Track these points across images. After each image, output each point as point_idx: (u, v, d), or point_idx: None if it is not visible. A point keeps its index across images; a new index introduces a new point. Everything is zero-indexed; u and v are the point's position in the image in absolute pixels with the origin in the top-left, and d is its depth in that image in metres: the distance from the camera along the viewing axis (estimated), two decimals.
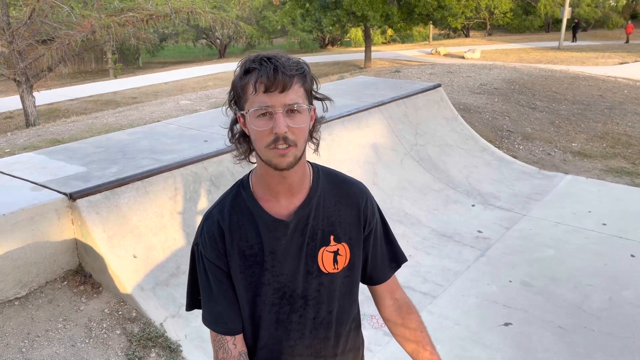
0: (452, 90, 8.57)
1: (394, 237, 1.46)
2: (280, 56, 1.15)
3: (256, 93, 1.14)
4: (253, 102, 1.15)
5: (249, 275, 1.27)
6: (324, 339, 1.35)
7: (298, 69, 1.16)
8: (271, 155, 1.17)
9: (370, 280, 1.44)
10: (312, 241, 1.28)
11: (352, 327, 1.42)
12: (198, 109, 6.83)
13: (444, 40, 34.17)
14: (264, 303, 1.29)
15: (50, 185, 3.35)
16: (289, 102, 1.14)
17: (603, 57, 18.39)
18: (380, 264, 1.42)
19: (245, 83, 1.16)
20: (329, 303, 1.33)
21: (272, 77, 1.12)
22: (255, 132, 1.17)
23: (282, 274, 1.28)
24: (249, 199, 1.28)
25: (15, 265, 3.00)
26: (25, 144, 5.34)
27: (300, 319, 1.31)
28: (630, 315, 3.35)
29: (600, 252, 4.15)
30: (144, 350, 2.85)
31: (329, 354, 1.37)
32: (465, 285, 3.73)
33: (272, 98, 1.13)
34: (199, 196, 3.71)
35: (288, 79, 1.13)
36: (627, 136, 7.40)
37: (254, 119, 1.15)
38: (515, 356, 3.01)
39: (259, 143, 1.17)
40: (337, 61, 21.47)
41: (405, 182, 5.12)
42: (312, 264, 1.29)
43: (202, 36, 32.95)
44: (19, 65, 9.69)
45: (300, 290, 1.29)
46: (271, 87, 1.12)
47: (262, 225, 1.26)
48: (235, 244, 1.26)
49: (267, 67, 1.13)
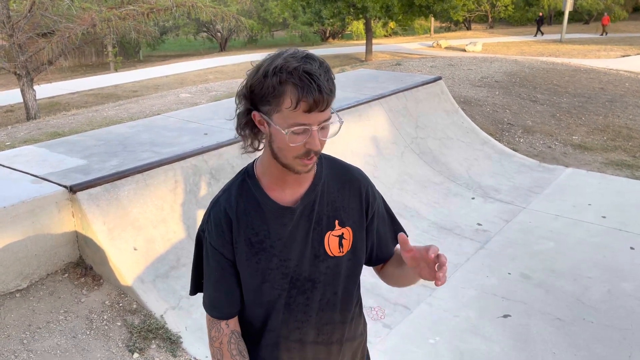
0: (453, 83, 8.55)
1: (394, 216, 1.52)
2: (319, 72, 1.12)
3: (295, 110, 1.12)
4: (289, 117, 1.13)
5: (255, 262, 1.30)
6: (330, 320, 1.40)
7: (333, 83, 1.15)
8: (297, 164, 1.20)
9: (378, 260, 1.48)
10: (318, 226, 1.32)
11: (356, 311, 1.47)
12: (198, 102, 6.82)
13: (446, 33, 34.04)
14: (273, 288, 1.32)
15: (51, 178, 3.36)
16: (324, 119, 1.15)
17: (605, 49, 18.32)
18: (386, 242, 1.47)
19: (280, 94, 1.12)
20: (334, 285, 1.37)
21: (317, 100, 1.11)
22: (287, 146, 1.17)
23: (289, 258, 1.31)
24: (255, 187, 1.30)
25: (16, 257, 3.02)
26: (25, 137, 5.35)
27: (307, 301, 1.35)
28: (629, 307, 3.36)
29: (599, 244, 4.15)
30: (144, 342, 2.87)
31: (334, 335, 1.41)
32: (464, 278, 3.74)
33: (311, 117, 1.13)
34: (199, 189, 3.72)
35: (329, 99, 1.13)
36: (627, 129, 7.39)
37: (290, 135, 1.15)
38: (514, 347, 3.02)
39: (288, 153, 1.19)
40: (338, 54, 21.42)
41: (406, 175, 5.12)
42: (319, 248, 1.33)
43: (202, 29, 32.87)
44: (20, 59, 9.68)
45: (307, 274, 1.33)
46: (314, 109, 1.12)
47: (268, 212, 1.29)
48: (242, 231, 1.29)
49: (311, 87, 1.10)
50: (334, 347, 1.42)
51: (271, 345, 1.38)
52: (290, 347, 1.38)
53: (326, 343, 1.41)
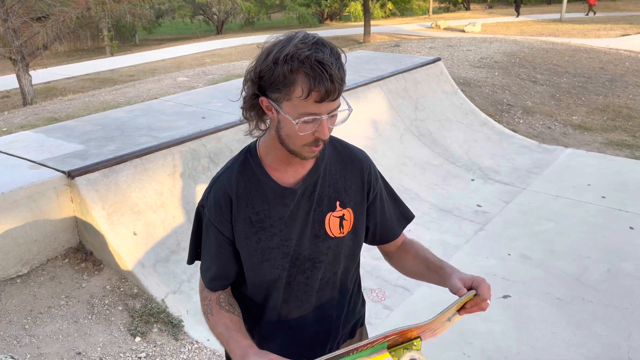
0: (452, 65, 8.49)
1: (398, 197, 1.52)
2: (330, 61, 1.09)
3: (307, 99, 1.10)
4: (299, 106, 1.11)
5: (255, 241, 1.30)
6: (330, 298, 1.41)
7: (344, 71, 1.13)
8: (304, 151, 1.20)
9: (382, 240, 1.49)
10: (319, 207, 1.32)
11: (354, 289, 1.49)
12: (195, 86, 6.77)
13: (444, 13, 33.71)
14: (273, 267, 1.32)
15: (49, 164, 3.34)
16: (334, 108, 1.15)
17: (605, 29, 18.16)
18: (390, 224, 1.47)
19: (291, 82, 1.10)
20: (334, 264, 1.38)
21: (329, 90, 1.09)
22: (296, 134, 1.16)
23: (290, 238, 1.31)
24: (257, 167, 1.30)
25: (15, 243, 3.01)
26: (22, 123, 5.31)
27: (307, 280, 1.36)
28: (629, 287, 3.37)
29: (599, 224, 4.16)
30: (146, 326, 2.88)
31: (333, 313, 1.43)
32: (464, 259, 3.74)
33: (322, 107, 1.12)
34: (197, 173, 3.70)
35: (340, 88, 1.12)
36: (627, 109, 7.36)
37: (300, 124, 1.14)
38: (514, 327, 3.04)
39: (296, 141, 1.18)
40: (336, 36, 21.22)
41: (405, 157, 5.11)
42: (319, 229, 1.33)
43: (199, 12, 32.50)
44: (15, 44, 9.59)
45: (307, 253, 1.33)
46: (325, 99, 1.11)
47: (269, 192, 1.28)
48: (242, 211, 1.29)
49: (323, 77, 1.08)
50: (334, 324, 1.44)
51: (272, 323, 1.40)
52: (291, 325, 1.40)
53: (326, 321, 1.43)
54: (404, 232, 1.53)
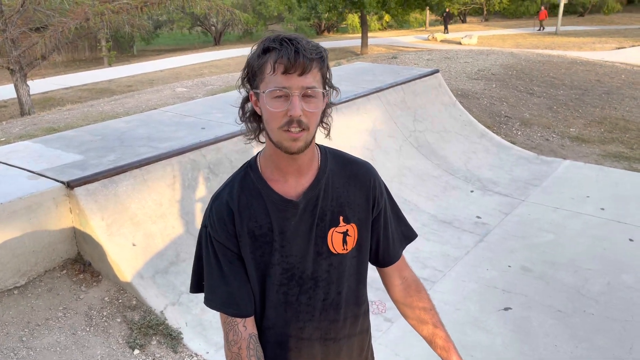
0: (449, 76, 8.53)
1: (402, 214, 1.47)
2: (301, 38, 1.14)
3: (274, 73, 1.13)
4: (270, 82, 1.14)
5: (259, 256, 1.27)
6: (333, 320, 1.35)
7: (318, 52, 1.15)
8: (283, 138, 1.17)
9: (382, 261, 1.43)
10: (322, 222, 1.29)
11: (361, 313, 1.42)
12: (195, 97, 6.77)
13: (441, 26, 33.96)
14: (273, 284, 1.29)
15: (48, 174, 3.33)
16: (306, 86, 1.14)
17: (600, 42, 18.33)
18: (392, 243, 1.42)
19: (263, 62, 1.15)
20: (338, 284, 1.33)
21: (292, 59, 1.11)
22: (269, 112, 1.16)
23: (292, 254, 1.28)
24: (258, 179, 1.28)
25: (13, 254, 2.98)
26: (20, 133, 5.30)
27: (309, 300, 1.31)
28: (629, 299, 3.36)
29: (599, 236, 4.16)
30: (145, 338, 2.85)
31: (337, 336, 1.37)
32: (464, 271, 3.73)
33: (290, 80, 1.12)
34: (197, 184, 3.69)
35: (308, 62, 1.12)
36: (624, 121, 7.40)
37: (270, 100, 1.14)
38: (515, 340, 3.02)
39: (272, 124, 1.17)
40: (333, 48, 21.32)
41: (404, 168, 5.11)
42: (321, 245, 1.29)
43: (197, 23, 32.65)
44: (13, 54, 9.59)
45: (310, 272, 1.29)
46: (290, 69, 1.12)
47: (271, 205, 1.26)
48: (244, 225, 1.26)
49: (288, 48, 1.12)
50: (343, 344, 1.39)
51: (275, 343, 1.34)
52: (300, 346, 1.34)
53: (333, 341, 1.37)
54: (409, 266, 1.49)
